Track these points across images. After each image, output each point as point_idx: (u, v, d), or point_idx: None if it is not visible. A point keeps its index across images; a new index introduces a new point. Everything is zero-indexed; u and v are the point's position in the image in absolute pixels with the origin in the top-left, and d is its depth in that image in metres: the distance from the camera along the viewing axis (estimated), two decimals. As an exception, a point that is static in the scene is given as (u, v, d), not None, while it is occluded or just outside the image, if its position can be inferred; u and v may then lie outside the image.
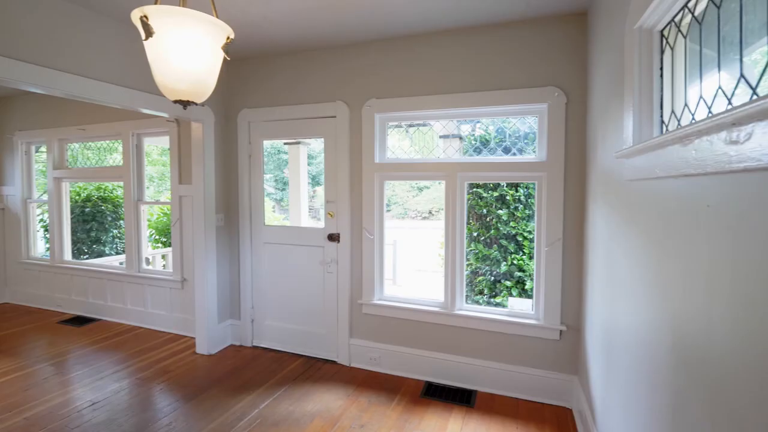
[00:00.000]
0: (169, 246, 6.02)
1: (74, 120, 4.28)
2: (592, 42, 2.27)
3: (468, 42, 2.67)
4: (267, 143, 3.46)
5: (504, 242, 3.43)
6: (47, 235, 4.76)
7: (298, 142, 4.83)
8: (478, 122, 3.69)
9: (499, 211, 3.45)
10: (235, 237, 3.51)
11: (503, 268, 3.44)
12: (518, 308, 2.76)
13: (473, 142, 3.43)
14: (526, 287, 3.40)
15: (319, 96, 3.13)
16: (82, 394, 2.73)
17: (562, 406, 2.58)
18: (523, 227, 3.35)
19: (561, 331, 2.56)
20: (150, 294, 3.98)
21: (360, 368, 3.08)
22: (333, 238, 3.11)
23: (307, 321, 3.28)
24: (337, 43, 2.99)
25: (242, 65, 3.38)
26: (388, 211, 3.09)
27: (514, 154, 2.88)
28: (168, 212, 6.34)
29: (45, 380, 2.92)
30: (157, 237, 6.24)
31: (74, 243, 5.11)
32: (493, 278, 3.49)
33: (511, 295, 3.36)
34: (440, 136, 3.56)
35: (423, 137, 3.56)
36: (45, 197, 4.69)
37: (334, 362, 3.17)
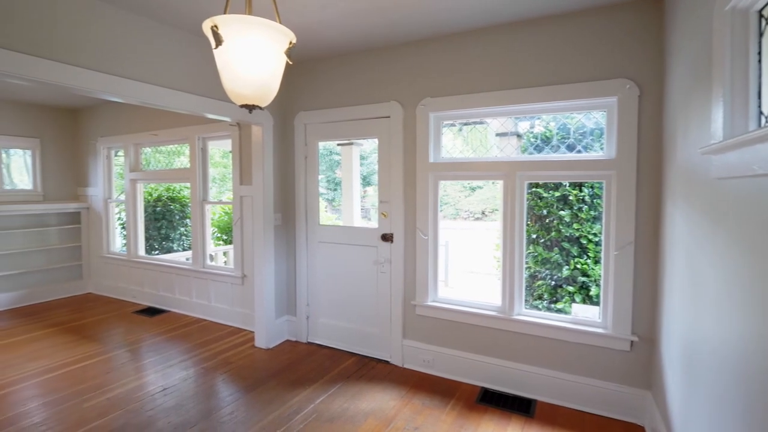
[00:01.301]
0: (229, 243, 6.35)
1: (147, 126, 4.64)
2: (670, 28, 2.08)
3: (527, 36, 2.56)
4: (321, 144, 3.53)
5: (566, 245, 3.25)
6: (124, 232, 5.20)
7: (351, 143, 4.90)
8: (538, 119, 3.53)
9: (561, 212, 3.27)
10: (291, 236, 3.62)
11: (565, 272, 3.25)
12: (583, 315, 2.60)
13: (533, 140, 3.28)
14: (591, 293, 3.19)
15: (372, 96, 3.14)
16: (154, 379, 2.94)
17: (633, 423, 2.39)
18: (588, 229, 3.15)
19: (632, 341, 2.37)
20: (213, 289, 4.21)
21: (413, 370, 3.05)
22: (386, 238, 3.11)
23: (360, 320, 3.31)
24: (390, 43, 2.99)
25: (298, 69, 3.47)
26: (440, 211, 3.04)
27: (579, 151, 2.72)
28: (229, 211, 6.70)
29: (123, 365, 3.19)
30: (218, 235, 6.61)
31: (147, 239, 5.55)
32: (553, 283, 3.32)
33: (574, 301, 3.17)
34: (496, 134, 3.45)
35: (477, 136, 3.46)
36: (122, 197, 5.12)
37: (387, 362, 3.17)
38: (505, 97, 2.63)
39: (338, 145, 4.87)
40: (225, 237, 6.70)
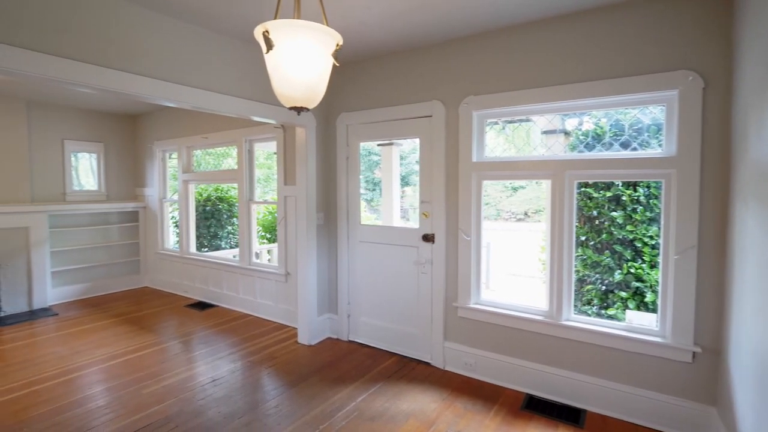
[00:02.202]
0: (272, 242, 6.56)
1: (198, 129, 4.88)
2: (741, 18, 1.91)
3: (576, 28, 2.45)
4: (361, 145, 3.56)
5: (618, 248, 3.07)
6: (177, 230, 5.51)
7: (391, 143, 4.90)
8: (587, 115, 3.37)
9: (613, 213, 3.09)
10: (333, 235, 3.68)
11: (617, 277, 3.08)
12: (638, 323, 2.45)
13: (582, 137, 3.13)
14: (647, 300, 2.99)
15: (414, 96, 3.13)
16: (204, 370, 3.08)
17: (693, 440, 2.22)
18: (643, 232, 2.96)
19: (694, 353, 2.21)
20: (258, 285, 4.36)
21: (455, 372, 3.01)
22: (428, 238, 3.08)
23: (400, 320, 3.30)
24: (433, 42, 2.96)
25: (340, 70, 3.52)
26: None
27: (635, 149, 2.56)
28: (272, 211, 6.92)
29: (176, 355, 3.37)
30: (262, 233, 6.84)
31: (197, 237, 5.84)
32: (604, 288, 3.15)
33: (627, 307, 2.99)
34: (543, 132, 3.33)
35: (520, 134, 3.36)
36: (175, 197, 5.42)
37: (427, 364, 3.14)
38: (553, 93, 2.53)
39: (378, 145, 4.89)
40: (268, 236, 6.93)
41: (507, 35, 2.69)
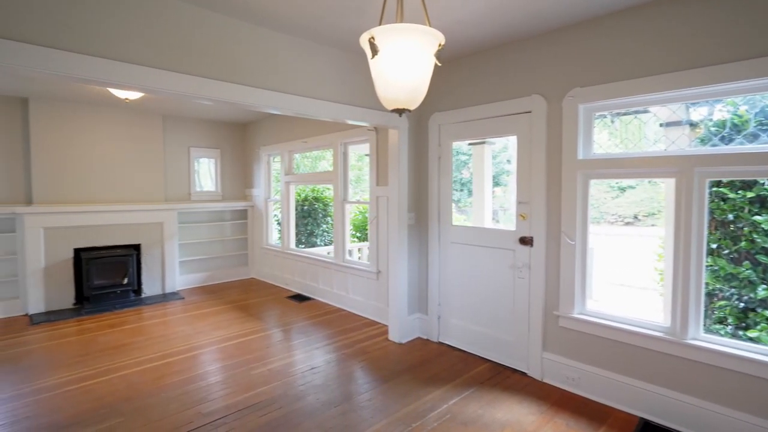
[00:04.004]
0: (362, 241, 6.80)
1: (299, 134, 5.26)
2: None
3: (702, 4, 2.11)
4: (452, 145, 3.51)
5: (763, 258, 2.58)
6: (279, 228, 6.00)
7: (483, 142, 4.76)
8: (720, 102, 2.89)
9: (757, 217, 2.61)
10: (424, 235, 3.69)
11: (761, 293, 2.59)
12: (794, 349, 2.03)
13: (716, 129, 2.70)
14: (804, 322, 2.45)
15: (511, 92, 2.99)
16: (303, 358, 3.30)
17: None
18: (799, 240, 2.42)
19: None
20: (351, 282, 4.55)
21: (554, 386, 2.81)
22: (525, 241, 2.92)
23: (494, 325, 3.19)
24: (532, 34, 2.81)
25: (433, 70, 3.51)
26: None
27: (791, 140, 2.13)
28: (362, 211, 7.17)
29: (278, 342, 3.67)
30: (353, 232, 7.13)
31: (296, 234, 6.29)
32: (742, 305, 2.67)
33: (775, 329, 2.48)
34: (661, 125, 2.94)
35: (631, 128, 3.01)
36: (278, 197, 5.91)
37: (523, 374, 2.98)
38: (677, 79, 2.22)
39: (469, 144, 4.79)
40: (359, 234, 7.19)
41: (617, 19, 2.43)
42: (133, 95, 3.84)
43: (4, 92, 4.31)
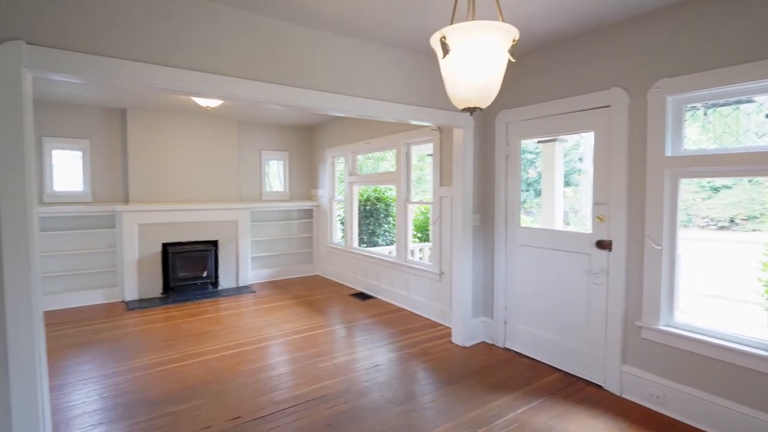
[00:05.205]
0: (423, 241, 6.77)
1: (361, 136, 5.36)
2: None
3: None
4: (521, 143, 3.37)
5: None
6: (342, 227, 6.16)
7: (554, 140, 4.52)
8: None
9: None
10: (489, 237, 3.58)
11: None
12: None
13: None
14: None
15: (587, 85, 2.81)
16: (366, 355, 3.36)
17: None
18: None
19: None
20: (413, 282, 4.55)
21: (634, 402, 2.59)
22: (603, 245, 2.73)
23: (565, 333, 3.01)
24: (611, 22, 2.61)
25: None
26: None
27: None
28: (424, 211, 7.15)
29: (342, 338, 3.76)
30: (414, 233, 7.14)
31: (358, 234, 6.43)
32: None
33: None
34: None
35: (729, 120, 2.68)
36: (341, 197, 6.08)
37: (599, 387, 2.78)
38: (797, 63, 1.93)
39: (539, 142, 4.58)
40: (419, 235, 7.18)
41: (713, 1, 2.18)
42: (213, 103, 4.17)
43: (107, 104, 4.88)
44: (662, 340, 2.45)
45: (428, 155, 6.56)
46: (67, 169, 4.90)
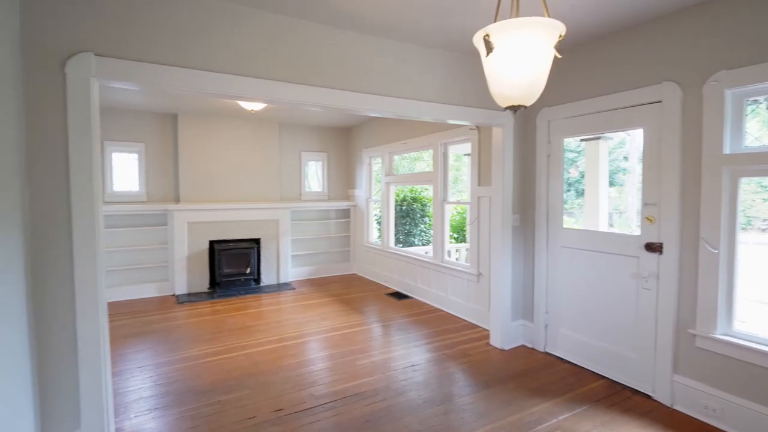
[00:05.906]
0: (459, 242, 6.70)
1: (398, 136, 5.39)
2: None
3: None
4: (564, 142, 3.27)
5: None
6: (378, 227, 6.22)
7: (598, 138, 4.34)
8: None
9: None
10: (530, 238, 3.50)
11: None
12: None
13: None
14: None
15: (635, 80, 2.69)
16: (403, 354, 3.38)
17: None
18: None
19: None
20: (450, 282, 4.52)
21: (687, 414, 2.44)
22: (653, 248, 2.60)
23: (611, 339, 2.89)
24: (661, 14, 2.48)
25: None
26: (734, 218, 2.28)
27: None
28: (461, 211, 7.07)
29: (380, 336, 3.80)
30: (450, 233, 7.08)
31: (395, 234, 6.46)
32: None
33: None
34: None
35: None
36: (377, 197, 6.13)
37: (648, 397, 2.65)
38: None
39: (582, 140, 4.42)
40: (456, 235, 7.11)
41: (790, -16, 2.02)
42: (257, 106, 4.33)
43: (161, 110, 5.20)
44: (720, 350, 2.30)
45: (465, 155, 6.48)
46: (124, 171, 5.27)
